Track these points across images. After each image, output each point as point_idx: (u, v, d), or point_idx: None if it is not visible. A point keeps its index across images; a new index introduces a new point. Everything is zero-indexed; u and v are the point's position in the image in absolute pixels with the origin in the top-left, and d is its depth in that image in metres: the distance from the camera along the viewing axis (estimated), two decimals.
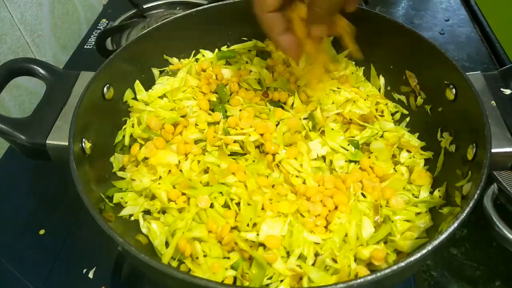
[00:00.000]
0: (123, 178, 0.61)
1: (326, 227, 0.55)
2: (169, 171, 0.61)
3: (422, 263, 0.60)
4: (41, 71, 0.61)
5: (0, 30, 0.83)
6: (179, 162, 0.62)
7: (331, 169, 0.62)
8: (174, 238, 0.53)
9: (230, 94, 0.72)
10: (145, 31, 0.68)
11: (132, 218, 0.58)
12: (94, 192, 0.53)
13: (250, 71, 0.74)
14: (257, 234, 0.52)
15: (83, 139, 0.54)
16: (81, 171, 0.50)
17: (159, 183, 0.59)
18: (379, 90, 0.73)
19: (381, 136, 0.66)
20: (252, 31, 0.77)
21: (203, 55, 0.77)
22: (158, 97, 0.70)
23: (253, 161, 0.62)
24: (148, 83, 0.71)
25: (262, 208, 0.55)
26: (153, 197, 0.59)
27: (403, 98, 0.70)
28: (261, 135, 0.63)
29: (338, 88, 0.71)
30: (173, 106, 0.70)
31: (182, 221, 0.55)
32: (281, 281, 0.50)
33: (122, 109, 0.67)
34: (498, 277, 0.63)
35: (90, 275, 0.64)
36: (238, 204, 0.57)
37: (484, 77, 0.58)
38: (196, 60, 0.77)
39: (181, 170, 0.61)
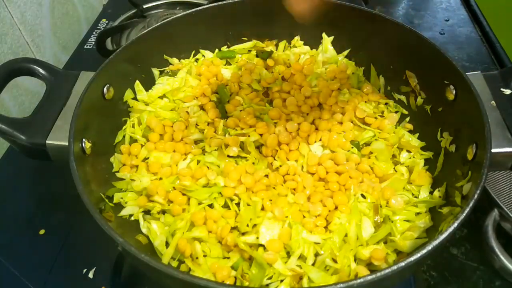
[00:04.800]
0: (123, 179, 0.61)
1: (326, 227, 0.55)
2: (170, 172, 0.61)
3: (422, 263, 0.60)
4: (41, 71, 0.61)
5: (0, 30, 0.83)
6: (179, 162, 0.62)
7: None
8: (174, 238, 0.53)
9: (230, 95, 0.72)
10: (145, 31, 0.68)
11: (132, 218, 0.58)
12: (94, 192, 0.53)
13: (250, 71, 0.74)
14: (257, 238, 0.52)
15: (83, 139, 0.54)
16: (81, 171, 0.50)
17: (158, 185, 0.59)
18: (379, 90, 0.73)
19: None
20: (252, 31, 0.78)
21: (203, 55, 0.77)
22: (158, 97, 0.70)
23: (253, 163, 0.62)
24: (148, 83, 0.71)
25: (262, 209, 0.55)
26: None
27: (403, 98, 0.70)
28: (261, 135, 0.63)
29: (339, 89, 0.71)
30: (173, 106, 0.70)
31: (182, 221, 0.55)
32: (281, 281, 0.50)
33: (122, 109, 0.67)
34: (498, 277, 0.63)
35: (90, 275, 0.64)
36: (238, 204, 0.57)
37: (484, 77, 0.58)
38: (196, 60, 0.77)
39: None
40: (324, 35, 0.76)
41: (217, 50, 0.78)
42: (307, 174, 0.59)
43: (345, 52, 0.76)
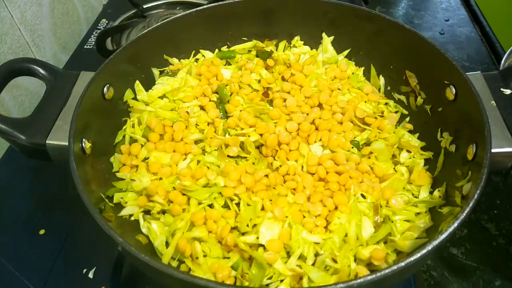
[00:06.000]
0: (123, 179, 0.61)
1: (326, 227, 0.55)
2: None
3: (422, 263, 0.60)
4: (41, 71, 0.61)
5: (0, 30, 0.83)
6: (179, 162, 0.62)
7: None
8: (174, 238, 0.53)
9: (231, 95, 0.72)
10: (145, 31, 0.68)
11: (132, 218, 0.58)
12: (94, 192, 0.53)
13: (251, 71, 0.74)
14: (257, 238, 0.52)
15: (83, 139, 0.54)
16: (81, 171, 0.50)
17: (158, 185, 0.59)
18: (379, 90, 0.73)
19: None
20: (252, 31, 0.78)
21: (203, 55, 0.77)
22: (158, 97, 0.70)
23: (253, 163, 0.62)
24: (148, 83, 0.71)
25: (262, 209, 0.55)
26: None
27: (403, 98, 0.70)
28: (261, 135, 0.63)
29: (339, 89, 0.71)
30: (173, 106, 0.70)
31: (182, 221, 0.55)
32: (281, 281, 0.50)
33: (122, 109, 0.67)
34: (498, 277, 0.63)
35: (90, 275, 0.64)
36: (238, 204, 0.57)
37: (484, 77, 0.58)
38: (196, 60, 0.77)
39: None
40: (324, 35, 0.76)
41: (217, 50, 0.78)
42: (307, 174, 0.59)
43: (345, 52, 0.76)
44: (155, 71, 0.73)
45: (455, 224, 0.43)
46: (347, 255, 0.51)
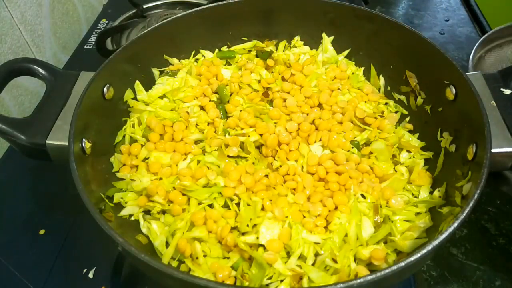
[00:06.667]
0: (123, 179, 0.61)
1: (326, 227, 0.55)
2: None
3: (422, 263, 0.60)
4: (41, 71, 0.61)
5: (0, 30, 0.83)
6: (179, 162, 0.62)
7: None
8: (174, 238, 0.53)
9: (231, 95, 0.72)
10: (145, 31, 0.68)
11: (132, 218, 0.58)
12: (94, 192, 0.53)
13: (251, 71, 0.74)
14: (257, 238, 0.52)
15: (83, 139, 0.54)
16: (81, 171, 0.50)
17: (158, 185, 0.59)
18: (379, 90, 0.73)
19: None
20: (252, 31, 0.78)
21: (203, 55, 0.77)
22: (158, 97, 0.70)
23: (253, 163, 0.62)
24: (148, 83, 0.71)
25: (262, 209, 0.55)
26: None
27: (403, 98, 0.70)
28: (261, 135, 0.63)
29: (339, 89, 0.71)
30: (173, 106, 0.70)
31: (182, 221, 0.55)
32: (281, 281, 0.50)
33: (122, 109, 0.67)
34: (498, 277, 0.63)
35: (90, 275, 0.64)
36: (238, 204, 0.57)
37: (484, 77, 0.58)
38: (196, 60, 0.77)
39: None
40: (324, 35, 0.76)
41: (217, 50, 0.78)
42: (307, 174, 0.59)
43: (345, 52, 0.76)
44: (155, 71, 0.73)
45: (455, 224, 0.43)
46: (347, 255, 0.51)
